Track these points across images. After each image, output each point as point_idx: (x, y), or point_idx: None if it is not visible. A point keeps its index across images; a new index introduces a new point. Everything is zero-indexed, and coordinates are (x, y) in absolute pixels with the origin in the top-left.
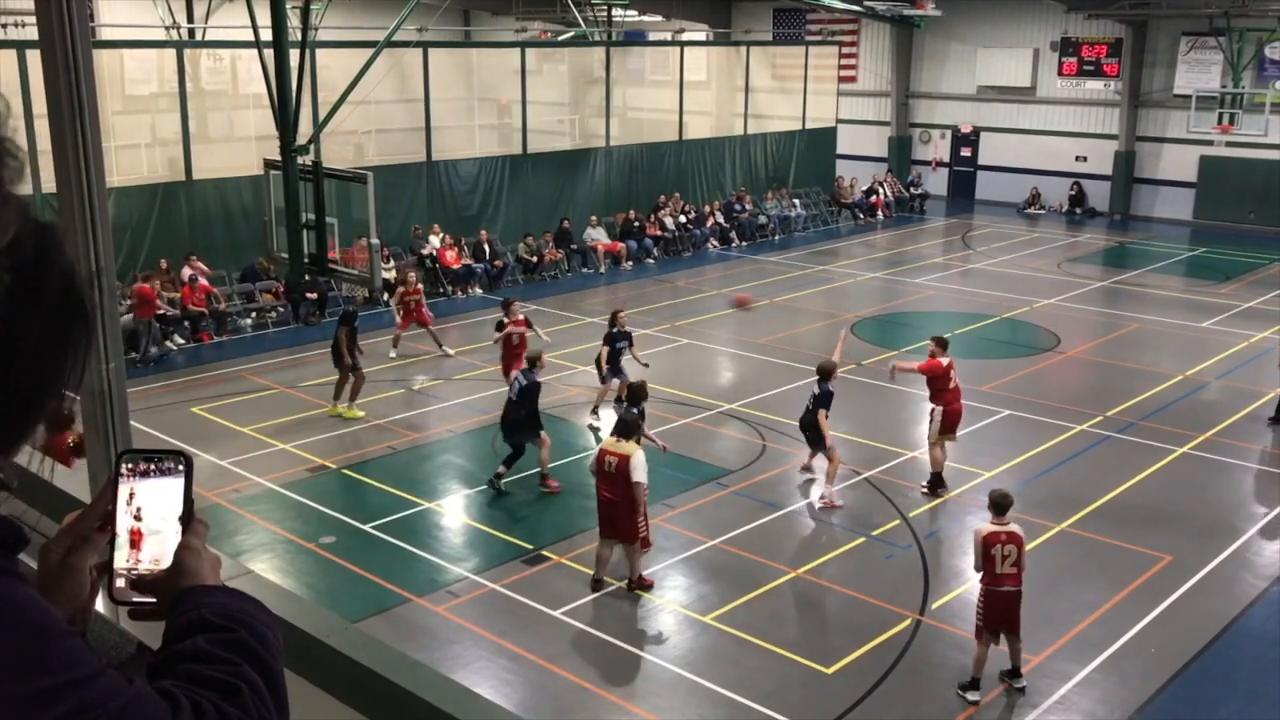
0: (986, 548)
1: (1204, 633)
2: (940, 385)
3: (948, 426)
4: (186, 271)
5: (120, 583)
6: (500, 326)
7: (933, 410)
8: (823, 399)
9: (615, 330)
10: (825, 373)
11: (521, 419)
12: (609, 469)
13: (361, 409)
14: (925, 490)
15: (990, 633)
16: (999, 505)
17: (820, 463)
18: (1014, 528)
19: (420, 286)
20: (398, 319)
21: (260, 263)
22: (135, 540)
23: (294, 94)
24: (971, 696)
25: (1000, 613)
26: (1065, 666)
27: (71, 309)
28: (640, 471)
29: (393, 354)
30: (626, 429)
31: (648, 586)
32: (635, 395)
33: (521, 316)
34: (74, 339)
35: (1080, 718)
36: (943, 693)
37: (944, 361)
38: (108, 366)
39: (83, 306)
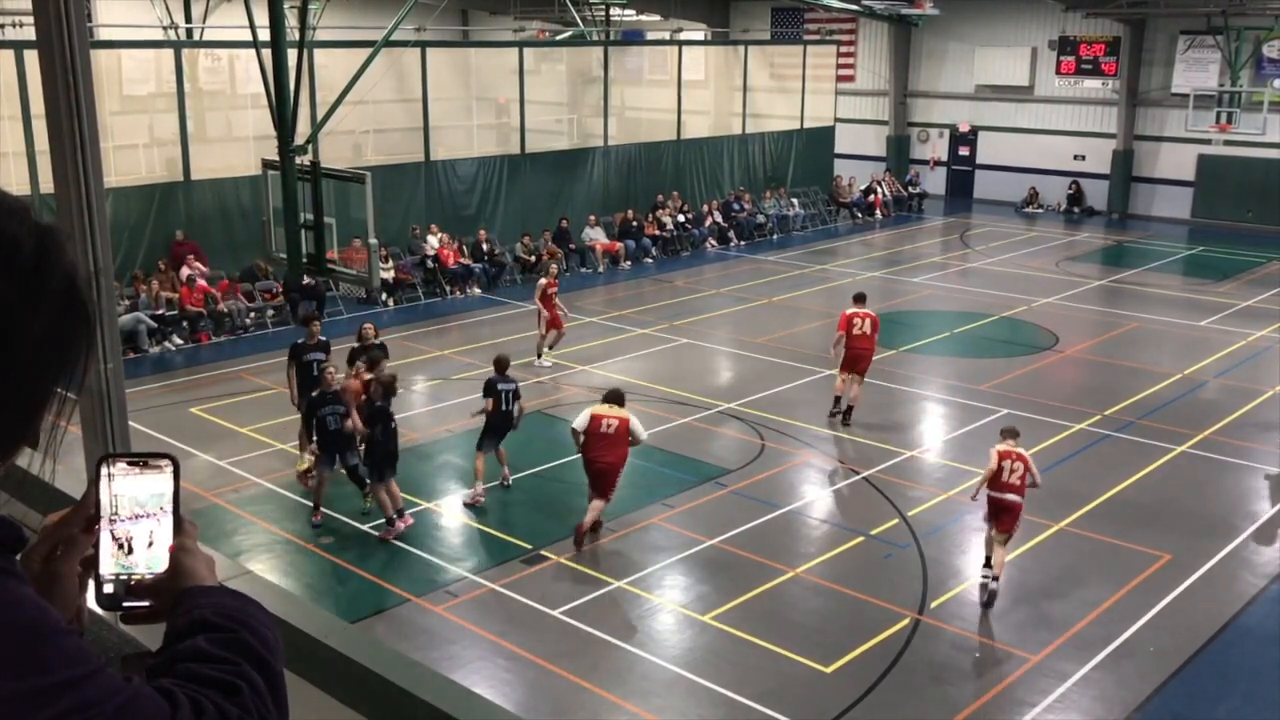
0: (999, 460)
1: (1203, 631)
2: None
3: (846, 363)
4: (185, 271)
5: (109, 588)
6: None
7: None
8: None
9: None
10: None
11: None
12: (608, 430)
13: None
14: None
15: (998, 531)
16: (1010, 432)
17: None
18: (1021, 450)
19: (557, 280)
20: (544, 316)
21: (259, 265)
22: (123, 545)
23: (292, 94)
24: (984, 573)
25: (998, 514)
26: (1064, 665)
27: (73, 311)
28: (642, 430)
29: (544, 362)
30: (618, 397)
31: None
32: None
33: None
34: (76, 341)
35: (1079, 716)
36: (942, 691)
37: (847, 312)
38: (106, 367)
39: (84, 308)
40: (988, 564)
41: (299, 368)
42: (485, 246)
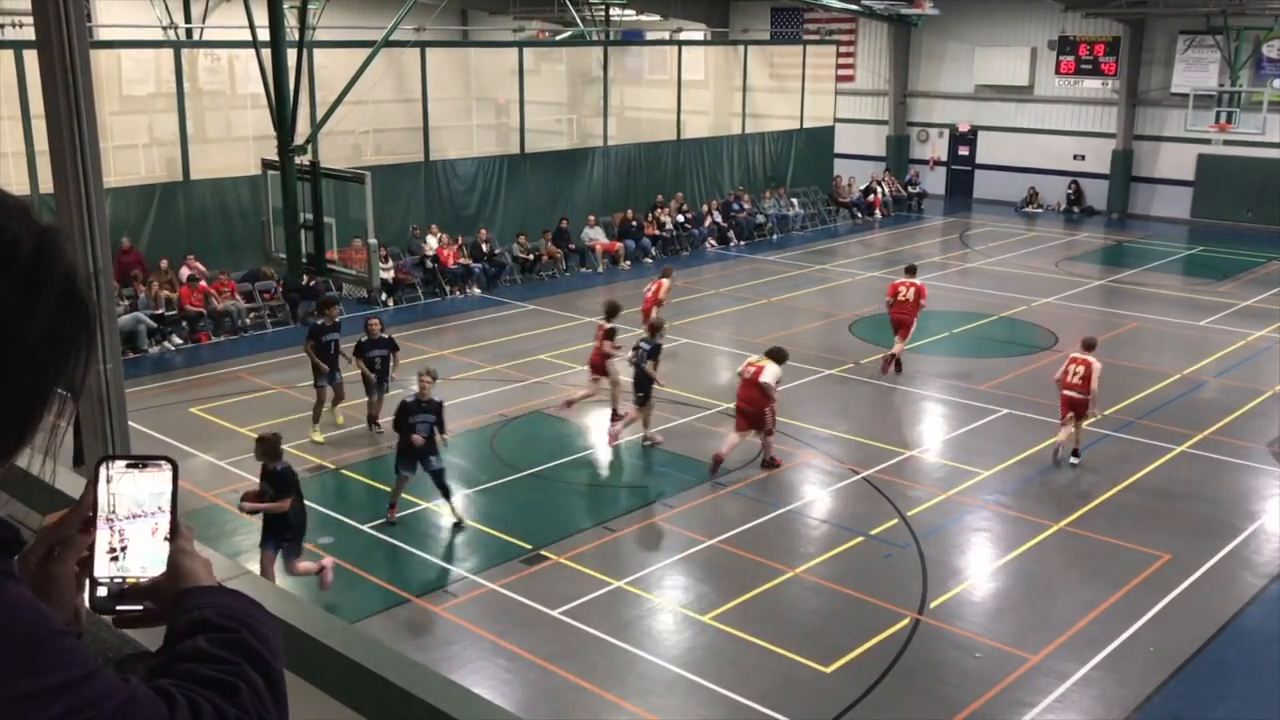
0: (1067, 364)
1: (1202, 631)
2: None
3: (893, 325)
4: (185, 271)
5: (103, 591)
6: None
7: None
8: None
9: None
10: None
11: None
12: (746, 376)
13: (327, 429)
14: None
15: (1062, 422)
16: (1087, 343)
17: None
18: (1089, 358)
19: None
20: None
21: (264, 271)
22: (119, 547)
23: (291, 94)
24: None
25: (1066, 406)
26: (1064, 665)
27: (73, 311)
28: (770, 375)
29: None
30: (779, 354)
31: (776, 465)
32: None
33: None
34: (76, 340)
35: (1079, 716)
36: (942, 691)
37: (896, 281)
38: (105, 367)
39: (84, 308)
40: (1075, 454)
41: (317, 347)
42: (485, 247)
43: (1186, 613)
